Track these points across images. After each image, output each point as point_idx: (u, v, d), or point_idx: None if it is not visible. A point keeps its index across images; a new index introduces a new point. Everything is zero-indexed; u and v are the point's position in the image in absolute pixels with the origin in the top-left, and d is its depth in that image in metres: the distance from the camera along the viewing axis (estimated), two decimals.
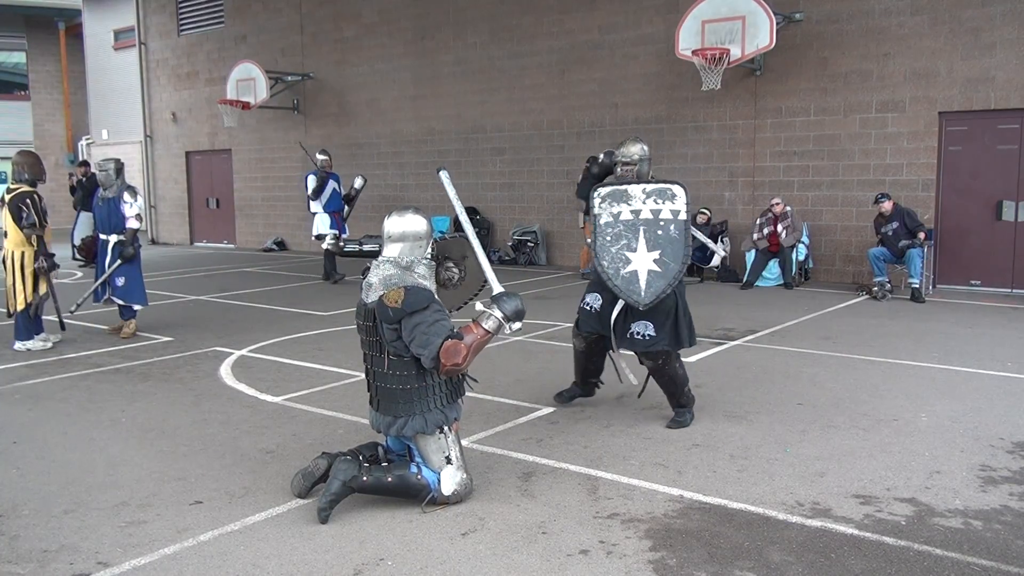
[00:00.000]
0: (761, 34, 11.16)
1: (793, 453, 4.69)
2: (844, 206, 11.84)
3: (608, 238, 5.02)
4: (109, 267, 8.23)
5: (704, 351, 7.39)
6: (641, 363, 5.26)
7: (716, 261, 10.98)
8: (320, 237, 12.49)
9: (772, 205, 11.54)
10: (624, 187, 5.06)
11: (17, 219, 7.51)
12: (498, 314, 3.88)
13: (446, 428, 3.97)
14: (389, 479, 3.89)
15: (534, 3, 14.42)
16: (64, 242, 15.09)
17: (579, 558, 3.44)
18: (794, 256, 11.48)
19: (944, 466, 4.47)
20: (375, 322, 3.90)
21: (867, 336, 8.04)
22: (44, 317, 7.91)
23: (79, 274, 13.63)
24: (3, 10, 26.56)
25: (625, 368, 5.36)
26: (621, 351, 5.23)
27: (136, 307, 8.39)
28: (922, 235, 10.19)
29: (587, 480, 4.30)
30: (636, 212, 5.00)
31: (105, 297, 8.37)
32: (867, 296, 10.50)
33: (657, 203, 5.00)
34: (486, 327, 3.86)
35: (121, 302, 8.34)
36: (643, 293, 4.92)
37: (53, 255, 7.81)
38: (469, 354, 3.77)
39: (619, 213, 5.01)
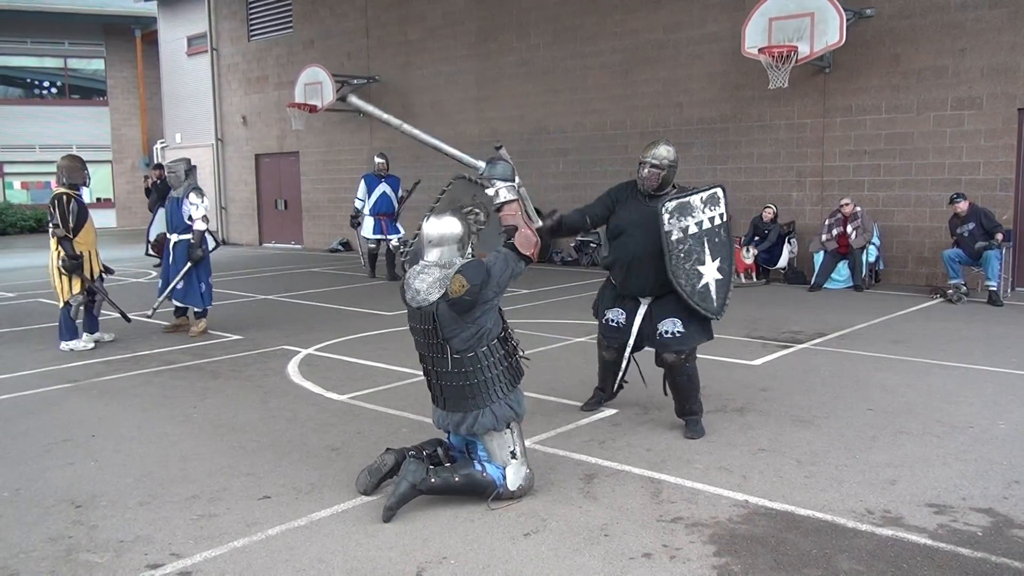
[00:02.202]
0: (830, 31, 10.90)
1: (863, 460, 4.57)
2: (917, 206, 11.50)
3: (681, 255, 4.87)
4: (172, 265, 8.44)
5: (771, 354, 7.27)
6: (660, 361, 5.09)
7: None
8: (370, 239, 12.86)
9: (841, 205, 11.27)
10: (687, 199, 4.91)
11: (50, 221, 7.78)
12: (503, 186, 4.07)
13: (512, 424, 4.02)
14: (457, 479, 3.93)
15: (598, 3, 14.35)
16: (139, 242, 15.54)
17: (642, 561, 3.41)
18: (864, 258, 11.18)
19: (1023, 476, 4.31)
20: (434, 324, 3.94)
21: (941, 340, 7.80)
22: (105, 314, 8.22)
23: (153, 273, 14.06)
24: (83, 19, 27.63)
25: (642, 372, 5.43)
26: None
27: (186, 305, 8.56)
28: (1000, 236, 9.83)
29: (650, 483, 4.27)
30: (699, 223, 4.89)
31: (163, 297, 8.52)
32: (941, 299, 10.18)
33: (712, 210, 4.93)
34: (510, 198, 4.07)
35: (179, 304, 8.58)
36: (715, 303, 4.95)
37: (80, 256, 7.73)
38: (528, 229, 4.03)
39: (687, 227, 4.87)
